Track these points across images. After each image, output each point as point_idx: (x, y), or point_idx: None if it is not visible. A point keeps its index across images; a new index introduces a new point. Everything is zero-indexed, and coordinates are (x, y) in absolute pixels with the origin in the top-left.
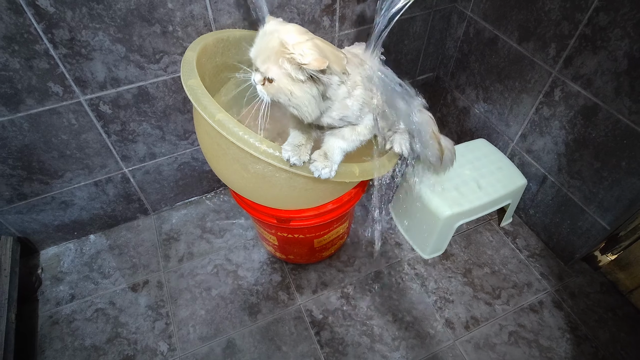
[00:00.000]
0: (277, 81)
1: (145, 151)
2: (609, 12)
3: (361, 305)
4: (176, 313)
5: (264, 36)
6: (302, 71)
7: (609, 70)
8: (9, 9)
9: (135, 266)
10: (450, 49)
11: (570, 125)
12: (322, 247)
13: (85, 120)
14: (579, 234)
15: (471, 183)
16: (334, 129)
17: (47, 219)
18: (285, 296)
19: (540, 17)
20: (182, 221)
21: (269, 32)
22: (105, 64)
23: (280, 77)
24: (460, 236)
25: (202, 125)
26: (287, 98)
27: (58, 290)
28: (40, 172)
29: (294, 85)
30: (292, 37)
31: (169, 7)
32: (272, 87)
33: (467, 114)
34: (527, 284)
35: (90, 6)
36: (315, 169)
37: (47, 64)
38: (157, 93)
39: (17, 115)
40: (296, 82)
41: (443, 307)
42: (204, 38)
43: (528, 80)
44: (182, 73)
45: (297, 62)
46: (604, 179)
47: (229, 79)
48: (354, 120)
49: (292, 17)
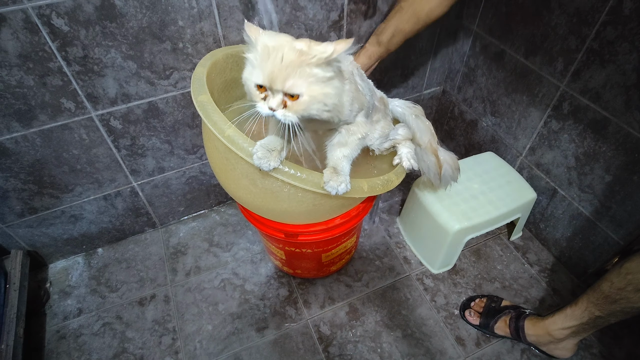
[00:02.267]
0: (307, 92)
1: (154, 165)
2: (617, 26)
3: (370, 320)
4: (183, 328)
5: (270, 55)
6: (331, 65)
7: (618, 83)
8: (25, 28)
9: (142, 280)
10: (456, 64)
11: (580, 139)
12: (329, 261)
13: (96, 135)
14: (591, 248)
15: (480, 197)
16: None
17: (56, 233)
18: (293, 311)
19: (547, 31)
20: (190, 235)
21: (272, 49)
22: (117, 80)
23: (310, 87)
24: (469, 250)
25: (212, 140)
26: (321, 105)
27: (66, 304)
28: (51, 186)
29: (327, 87)
30: (301, 42)
31: (180, 25)
32: (300, 104)
33: (475, 127)
34: (540, 299)
35: (104, 25)
36: (331, 188)
37: (61, 80)
38: (167, 108)
39: (30, 130)
40: (327, 82)
41: (453, 324)
42: (214, 54)
43: (536, 94)
44: (192, 89)
45: (324, 59)
46: (616, 193)
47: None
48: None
49: (300, 33)
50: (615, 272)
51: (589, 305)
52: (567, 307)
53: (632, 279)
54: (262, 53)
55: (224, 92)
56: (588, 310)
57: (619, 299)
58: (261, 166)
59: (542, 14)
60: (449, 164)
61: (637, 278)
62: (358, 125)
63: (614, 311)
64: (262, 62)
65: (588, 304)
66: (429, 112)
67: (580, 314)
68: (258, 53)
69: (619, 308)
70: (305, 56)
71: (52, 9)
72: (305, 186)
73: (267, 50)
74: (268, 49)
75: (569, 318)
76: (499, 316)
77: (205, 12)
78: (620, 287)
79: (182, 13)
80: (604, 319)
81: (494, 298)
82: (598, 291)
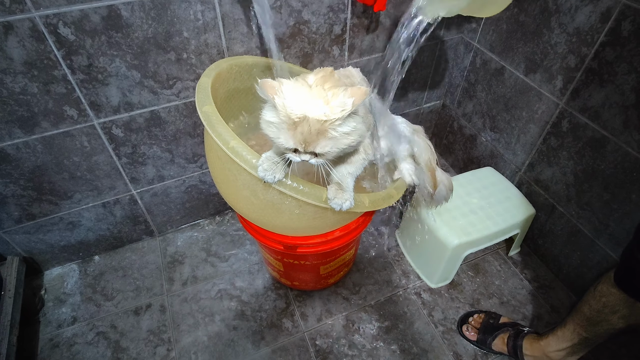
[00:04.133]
0: (335, 146)
1: (154, 173)
2: (615, 47)
3: (367, 334)
4: (178, 339)
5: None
6: (351, 116)
7: (617, 103)
8: (31, 36)
9: (138, 289)
10: (457, 78)
11: (579, 156)
12: (328, 274)
13: (98, 142)
14: (590, 266)
15: (479, 212)
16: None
17: (53, 240)
18: (290, 323)
19: (547, 50)
20: (188, 244)
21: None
22: (120, 89)
23: (337, 142)
24: (467, 265)
25: (214, 150)
26: (348, 147)
27: (60, 312)
28: (50, 192)
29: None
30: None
31: (185, 36)
32: (329, 153)
33: (474, 142)
34: (538, 316)
35: (110, 34)
36: (336, 205)
37: (65, 88)
38: (169, 117)
39: (31, 137)
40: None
41: (451, 339)
42: (219, 65)
43: (535, 111)
44: (196, 99)
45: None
46: (614, 211)
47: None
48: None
49: (303, 46)
50: (591, 294)
51: (576, 327)
52: (557, 329)
53: (606, 301)
54: (287, 122)
55: (227, 102)
56: (576, 332)
57: (600, 320)
58: (265, 178)
59: (542, 33)
60: (445, 185)
61: (610, 300)
62: (364, 145)
63: (599, 332)
64: (290, 131)
65: (574, 325)
66: (429, 126)
67: (570, 336)
68: (280, 116)
69: (602, 329)
70: (328, 122)
71: (60, 18)
72: (308, 200)
73: (292, 121)
74: (292, 119)
75: (560, 340)
76: (497, 333)
77: (210, 24)
78: (598, 309)
79: (187, 24)
80: (593, 339)
81: (492, 314)
82: (580, 313)
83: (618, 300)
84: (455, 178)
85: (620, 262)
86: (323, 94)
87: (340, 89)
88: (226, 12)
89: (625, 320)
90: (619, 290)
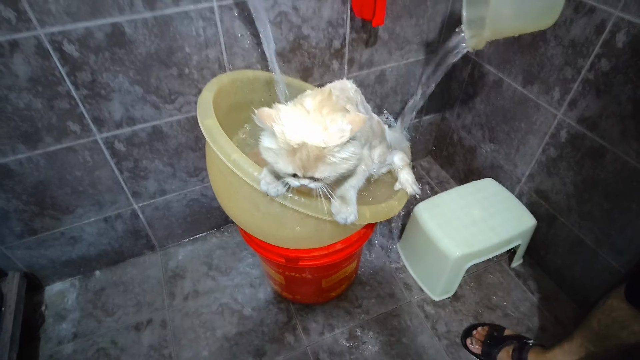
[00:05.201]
0: (332, 170)
1: (156, 188)
2: (611, 58)
3: (370, 348)
4: (179, 355)
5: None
6: (349, 142)
7: (614, 113)
8: (36, 53)
9: (139, 304)
10: (455, 91)
11: (578, 167)
12: (330, 287)
13: (100, 157)
14: (592, 276)
15: (481, 223)
16: None
17: (54, 255)
18: (292, 338)
19: (543, 62)
20: (189, 258)
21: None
22: (123, 104)
23: (335, 167)
24: (470, 277)
25: (215, 163)
26: (346, 171)
27: (61, 328)
28: (52, 207)
29: (350, 159)
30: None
31: (187, 52)
32: (328, 178)
33: (474, 153)
34: (542, 328)
35: (113, 51)
36: (342, 219)
37: (68, 104)
38: (171, 132)
39: (34, 152)
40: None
41: (455, 352)
42: (220, 79)
43: (534, 122)
44: (198, 113)
45: (342, 144)
46: (615, 221)
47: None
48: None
49: (303, 60)
50: (600, 309)
51: (583, 341)
52: (564, 342)
53: (616, 316)
54: (287, 148)
55: (229, 115)
56: (583, 346)
57: (608, 335)
58: (268, 192)
59: (539, 45)
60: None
61: (620, 315)
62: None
63: (608, 347)
64: (289, 157)
65: (582, 339)
66: (428, 138)
67: (577, 349)
68: (279, 143)
69: (611, 344)
70: (327, 150)
71: (64, 35)
72: (310, 212)
73: (291, 147)
74: (291, 146)
75: (567, 353)
76: (501, 346)
77: (211, 40)
78: (607, 324)
79: (189, 40)
80: (600, 354)
81: (496, 327)
82: (588, 327)
83: (628, 316)
84: (456, 189)
85: (631, 278)
86: (321, 119)
87: (338, 114)
88: (227, 28)
89: (635, 337)
90: (629, 306)
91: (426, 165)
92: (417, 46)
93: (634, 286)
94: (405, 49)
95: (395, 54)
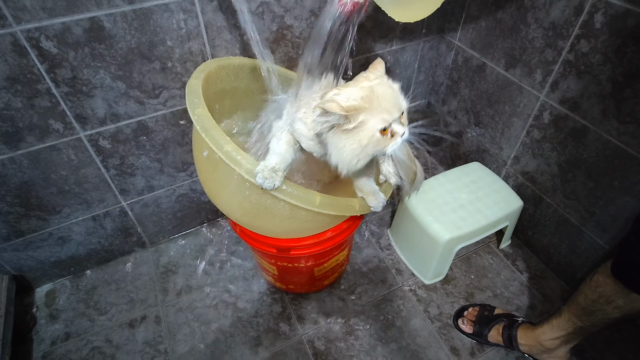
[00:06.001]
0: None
1: (144, 184)
2: (589, 39)
3: (364, 333)
4: (175, 349)
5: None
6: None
7: (595, 93)
8: (13, 51)
9: (132, 301)
10: (440, 77)
11: (562, 147)
12: (322, 275)
13: (85, 155)
14: (578, 253)
15: (469, 206)
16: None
17: (43, 256)
18: (287, 327)
19: (525, 45)
20: (180, 253)
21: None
22: (106, 101)
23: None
24: (460, 260)
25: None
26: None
27: (53, 329)
28: (39, 208)
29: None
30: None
31: (169, 45)
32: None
33: (460, 138)
34: (531, 306)
35: (93, 46)
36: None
37: (49, 102)
38: (156, 127)
39: (17, 152)
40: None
41: (447, 334)
42: (207, 65)
43: (517, 105)
44: (188, 101)
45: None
46: (599, 199)
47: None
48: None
49: (287, 51)
50: (587, 284)
51: (571, 316)
52: (552, 318)
53: (602, 291)
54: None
55: (215, 103)
56: (571, 321)
57: (595, 310)
58: (264, 185)
59: (520, 28)
60: (421, 172)
61: (606, 290)
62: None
63: (594, 321)
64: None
65: (570, 315)
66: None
67: (565, 325)
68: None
69: (597, 319)
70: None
71: (41, 32)
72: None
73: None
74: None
75: (555, 329)
76: (492, 324)
77: (193, 32)
78: (594, 299)
79: (170, 34)
80: (587, 328)
81: (487, 307)
82: (576, 303)
83: (613, 291)
84: (443, 174)
85: (618, 254)
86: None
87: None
88: (209, 19)
89: (620, 310)
90: (615, 281)
91: (413, 152)
92: (400, 33)
93: (620, 261)
94: (388, 37)
95: (379, 41)
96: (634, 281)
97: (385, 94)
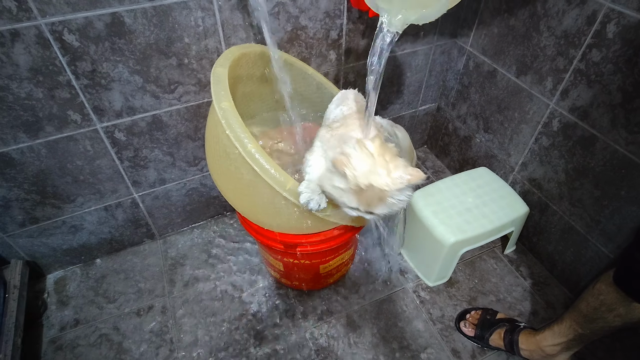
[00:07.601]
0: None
1: (156, 177)
2: (601, 48)
3: (366, 333)
4: (180, 339)
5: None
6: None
7: (604, 102)
8: (37, 43)
9: (140, 291)
10: (450, 81)
11: (570, 155)
12: (327, 273)
13: (100, 146)
14: (583, 262)
15: (474, 210)
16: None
17: (56, 243)
18: (290, 323)
19: (537, 52)
20: (188, 246)
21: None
22: (123, 94)
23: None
24: (464, 264)
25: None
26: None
27: (63, 314)
28: (54, 196)
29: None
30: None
31: (186, 42)
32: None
33: (469, 143)
34: (533, 312)
35: (113, 41)
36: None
37: (69, 93)
38: (170, 121)
39: (36, 141)
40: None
41: (449, 336)
42: (232, 52)
43: (527, 112)
44: (213, 92)
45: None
46: (605, 208)
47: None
48: None
49: (301, 51)
50: (589, 292)
51: (572, 323)
52: (554, 324)
53: (604, 299)
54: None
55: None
56: (572, 328)
57: (596, 318)
58: (309, 206)
59: (532, 36)
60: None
61: (608, 299)
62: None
63: (595, 329)
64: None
65: (571, 322)
66: (424, 128)
67: (566, 331)
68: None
69: (598, 327)
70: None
71: (65, 25)
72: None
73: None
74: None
75: (556, 335)
76: (493, 329)
77: (210, 30)
78: (595, 306)
79: (188, 31)
80: (588, 336)
81: (489, 311)
82: (577, 310)
83: (615, 299)
84: (450, 178)
85: (620, 262)
86: (385, 165)
87: (400, 161)
88: (226, 18)
89: (621, 319)
90: (617, 290)
91: (422, 155)
92: (413, 37)
93: (622, 270)
94: (400, 40)
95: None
96: (636, 290)
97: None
